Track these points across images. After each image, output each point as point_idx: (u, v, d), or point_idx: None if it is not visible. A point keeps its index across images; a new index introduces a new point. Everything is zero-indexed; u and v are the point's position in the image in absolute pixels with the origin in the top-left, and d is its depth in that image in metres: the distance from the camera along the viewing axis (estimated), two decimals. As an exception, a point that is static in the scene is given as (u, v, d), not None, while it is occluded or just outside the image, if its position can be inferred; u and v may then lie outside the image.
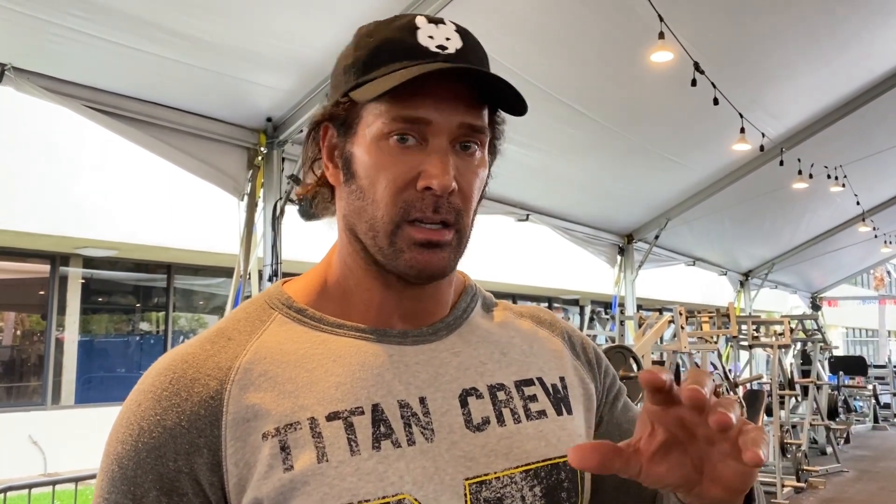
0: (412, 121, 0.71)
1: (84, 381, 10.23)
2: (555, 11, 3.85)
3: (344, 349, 0.74)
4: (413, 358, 0.76)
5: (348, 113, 0.75)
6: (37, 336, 10.34)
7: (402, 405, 0.72)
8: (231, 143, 3.92)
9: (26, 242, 9.12)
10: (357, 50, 0.76)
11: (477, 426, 0.74)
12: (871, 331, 29.66)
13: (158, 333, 11.35)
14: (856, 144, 6.89)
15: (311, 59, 3.57)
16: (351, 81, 0.75)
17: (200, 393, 0.69)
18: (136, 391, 0.72)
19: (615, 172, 6.12)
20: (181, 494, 0.67)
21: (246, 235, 4.01)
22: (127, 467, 0.68)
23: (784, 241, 9.75)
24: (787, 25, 4.63)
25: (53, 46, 2.99)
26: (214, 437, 0.68)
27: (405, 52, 0.73)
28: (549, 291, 15.04)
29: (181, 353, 0.73)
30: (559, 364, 0.86)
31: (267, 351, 0.73)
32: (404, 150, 0.71)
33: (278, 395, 0.70)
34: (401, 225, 0.72)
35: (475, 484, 0.71)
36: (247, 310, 0.78)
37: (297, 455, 0.67)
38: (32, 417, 9.25)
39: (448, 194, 0.71)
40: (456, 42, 0.75)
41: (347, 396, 0.71)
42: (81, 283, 10.31)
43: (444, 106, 0.71)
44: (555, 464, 0.76)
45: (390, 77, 0.70)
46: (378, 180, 0.72)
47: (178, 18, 3.07)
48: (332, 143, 0.77)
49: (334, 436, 0.68)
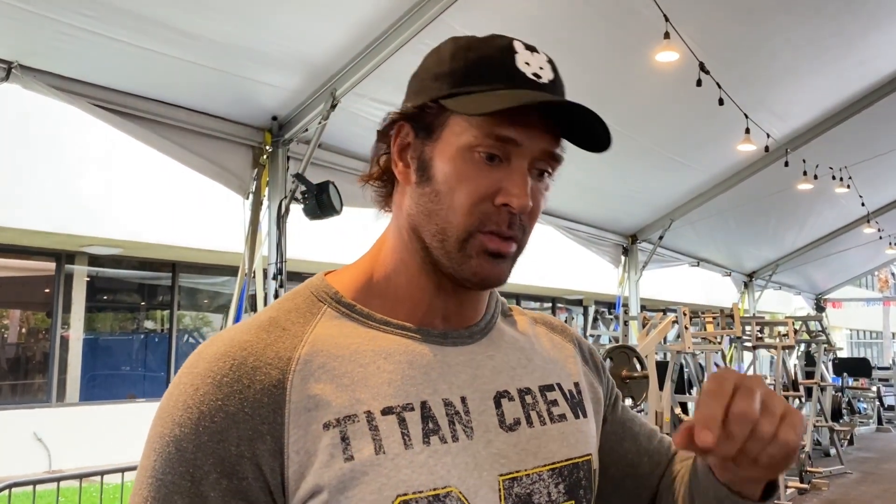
0: (503, 140, 0.74)
1: (88, 379, 10.26)
2: (559, 11, 3.85)
3: (392, 347, 0.78)
4: (454, 358, 0.80)
5: (434, 119, 0.77)
6: (42, 334, 10.37)
7: (447, 403, 0.76)
8: (236, 141, 3.93)
9: (32, 240, 9.15)
10: (453, 61, 0.78)
11: (510, 426, 0.80)
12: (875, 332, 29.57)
13: (163, 332, 11.38)
14: (861, 145, 6.87)
15: (317, 58, 3.58)
16: (444, 90, 0.77)
17: (263, 381, 0.72)
18: (189, 375, 0.73)
19: (619, 173, 6.12)
20: (241, 478, 0.69)
21: (251, 234, 4.02)
22: (186, 449, 0.70)
23: (788, 243, 9.73)
24: (793, 25, 4.62)
25: (60, 45, 3.00)
26: (278, 425, 0.70)
27: (505, 74, 0.76)
28: (553, 291, 15.03)
29: (238, 340, 0.74)
30: (573, 370, 0.93)
31: (323, 344, 0.76)
32: (488, 165, 0.75)
33: (336, 387, 0.73)
34: (474, 234, 0.76)
35: (508, 480, 0.76)
36: (294, 301, 0.81)
37: (356, 446, 0.71)
38: (37, 414, 9.28)
39: (522, 213, 0.77)
40: (548, 73, 0.79)
41: (399, 393, 0.74)
42: (86, 281, 10.34)
43: (533, 132, 0.75)
44: (575, 463, 0.83)
45: (495, 97, 0.74)
46: (458, 189, 0.75)
47: (185, 18, 3.08)
48: (405, 141, 0.80)
49: (389, 429, 0.72)
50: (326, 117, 3.75)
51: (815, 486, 7.31)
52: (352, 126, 4.12)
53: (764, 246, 9.67)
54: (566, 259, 11.56)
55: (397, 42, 3.45)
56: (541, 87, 0.77)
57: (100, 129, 4.47)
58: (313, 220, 3.94)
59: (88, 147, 8.54)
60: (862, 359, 14.01)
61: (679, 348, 6.25)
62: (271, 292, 3.97)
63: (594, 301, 16.24)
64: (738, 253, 9.64)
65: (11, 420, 8.91)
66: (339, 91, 3.70)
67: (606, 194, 6.53)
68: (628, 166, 5.98)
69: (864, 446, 10.64)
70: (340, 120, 3.88)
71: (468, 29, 3.61)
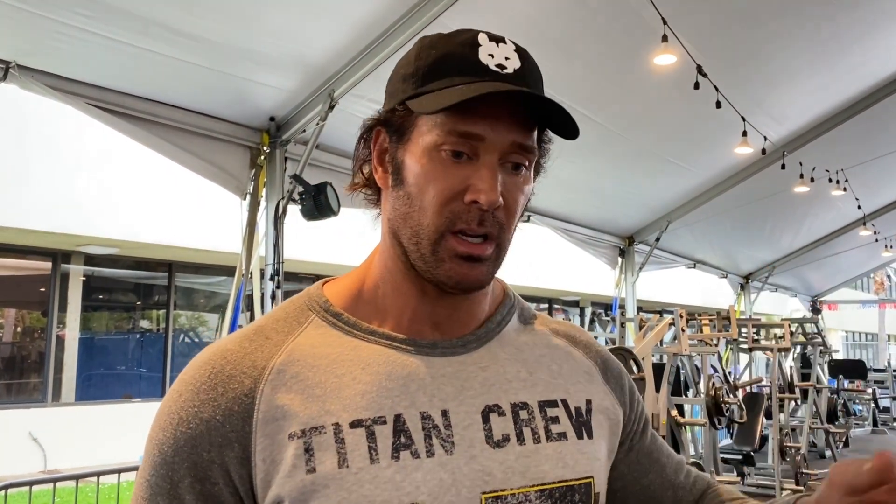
0: (466, 136, 0.73)
1: (84, 379, 10.24)
2: (557, 13, 3.85)
3: (373, 357, 0.77)
4: (440, 370, 0.78)
5: (403, 121, 0.77)
6: (38, 333, 10.34)
7: (424, 417, 0.74)
8: (234, 142, 3.93)
9: (28, 239, 9.13)
10: (418, 60, 0.78)
11: (497, 442, 0.76)
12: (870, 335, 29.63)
13: (159, 331, 11.36)
14: (858, 148, 6.89)
15: (315, 59, 3.58)
16: (409, 91, 0.76)
17: (236, 389, 0.73)
18: (178, 381, 0.76)
19: (617, 174, 6.13)
20: (213, 483, 0.71)
21: (248, 234, 4.01)
22: (166, 453, 0.72)
23: (785, 245, 9.75)
24: (791, 29, 4.63)
25: (58, 44, 2.99)
26: (245, 433, 0.71)
27: (465, 68, 0.75)
28: (549, 293, 15.04)
29: (221, 349, 0.77)
30: (588, 387, 0.87)
31: (300, 353, 0.76)
32: (455, 163, 0.74)
33: (307, 398, 0.73)
34: (445, 235, 0.74)
35: (491, 498, 0.73)
36: (286, 309, 0.82)
37: (319, 458, 0.70)
38: (33, 414, 9.26)
39: (493, 209, 0.74)
40: (514, 62, 0.77)
41: (372, 405, 0.73)
42: (82, 280, 10.32)
43: (499, 124, 0.73)
44: (570, 486, 0.78)
45: (450, 92, 0.73)
46: (427, 189, 0.74)
47: (183, 17, 3.08)
48: (383, 147, 0.80)
49: (356, 443, 0.71)
50: (324, 118, 3.75)
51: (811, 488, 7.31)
52: (350, 127, 4.07)
53: (760, 248, 9.69)
54: (562, 260, 11.57)
55: (396, 43, 3.45)
56: (503, 77, 0.75)
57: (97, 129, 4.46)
58: (310, 221, 3.94)
59: (85, 147, 8.52)
60: (858, 361, 14.04)
61: (675, 350, 6.26)
62: (268, 293, 3.96)
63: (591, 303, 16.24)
64: (734, 255, 9.66)
65: (7, 420, 8.89)
66: (338, 92, 3.70)
67: (603, 196, 6.53)
68: (625, 168, 5.99)
69: (860, 448, 10.65)
70: (338, 121, 3.88)
71: (466, 30, 3.61)
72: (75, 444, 9.00)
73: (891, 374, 14.19)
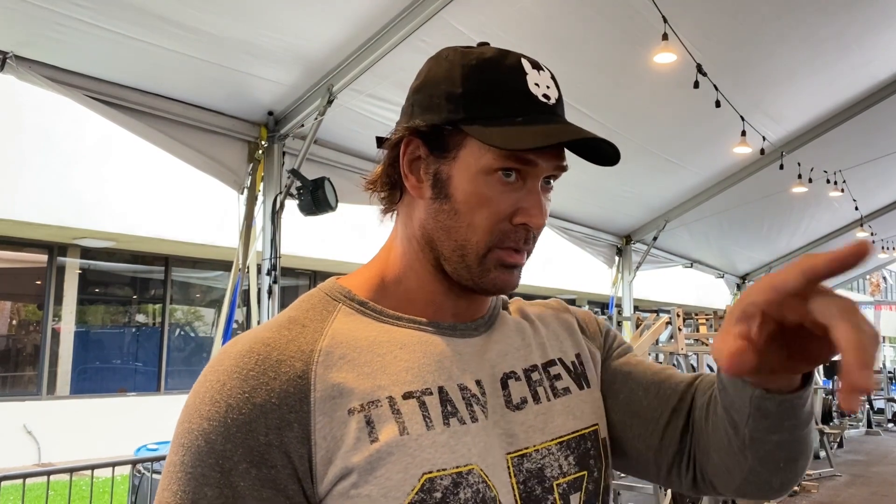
0: (524, 161, 0.79)
1: (80, 372, 10.23)
2: (557, 10, 3.84)
3: (407, 338, 0.82)
4: (463, 348, 0.84)
5: (450, 139, 0.81)
6: (33, 326, 10.32)
7: (462, 388, 0.81)
8: (232, 136, 3.91)
9: (24, 232, 9.11)
10: (465, 82, 0.80)
11: (516, 405, 0.84)
12: (866, 336, 29.65)
13: (155, 325, 11.35)
14: (856, 149, 6.89)
15: (314, 54, 3.57)
16: (460, 113, 0.80)
17: (288, 373, 0.75)
18: (215, 371, 0.76)
19: (615, 173, 6.11)
20: (270, 466, 0.72)
21: (245, 229, 4.00)
22: (215, 441, 0.72)
23: (782, 245, 9.76)
24: (791, 29, 4.63)
25: (55, 36, 2.98)
26: (304, 413, 0.74)
27: (519, 100, 0.80)
28: (546, 291, 15.05)
29: (261, 338, 0.78)
30: (574, 341, 0.96)
31: (342, 336, 0.80)
32: (506, 185, 0.79)
33: (358, 375, 0.77)
34: (492, 249, 0.81)
35: (517, 457, 0.81)
36: (310, 301, 0.85)
37: (380, 429, 0.74)
38: (27, 407, 9.25)
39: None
40: (554, 92, 0.83)
41: (417, 379, 0.79)
42: (79, 273, 10.30)
43: (549, 153, 0.80)
44: (582, 434, 0.87)
45: (523, 131, 0.77)
46: (479, 210, 0.80)
47: (182, 10, 3.06)
48: (415, 155, 0.83)
49: (411, 412, 0.76)
50: (323, 113, 3.74)
51: (805, 489, 7.34)
52: (348, 122, 4.10)
53: (758, 248, 9.70)
54: (560, 259, 11.58)
55: (395, 38, 3.44)
56: (551, 108, 0.81)
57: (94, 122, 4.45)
58: (308, 216, 3.93)
59: (82, 139, 8.50)
60: (853, 362, 14.01)
61: (672, 349, 6.27)
62: (265, 288, 3.95)
63: (587, 301, 16.27)
64: (731, 255, 9.66)
65: (1, 412, 8.88)
66: (336, 87, 3.68)
67: (601, 194, 6.53)
68: (623, 167, 5.95)
69: (854, 449, 10.69)
70: (337, 116, 3.87)
71: (467, 27, 3.60)
72: (70, 437, 8.99)
73: (885, 375, 14.23)
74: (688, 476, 0.89)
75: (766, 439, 0.76)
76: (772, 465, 0.79)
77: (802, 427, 0.76)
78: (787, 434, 0.76)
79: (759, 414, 0.74)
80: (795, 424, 0.75)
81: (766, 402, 0.73)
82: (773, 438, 0.76)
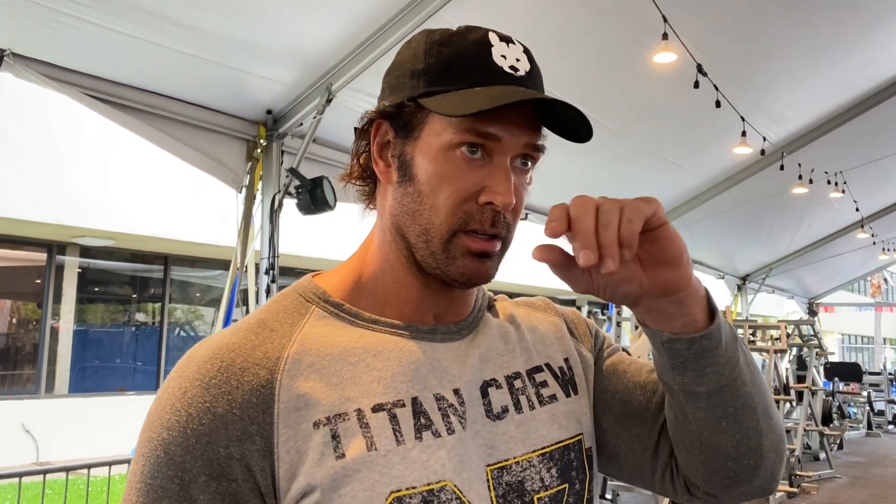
0: (484, 136, 0.73)
1: (78, 371, 10.22)
2: (556, 11, 3.83)
3: (381, 344, 0.77)
4: (442, 354, 0.79)
5: (412, 117, 0.76)
6: (32, 324, 10.32)
7: (438, 398, 0.76)
8: (231, 134, 3.90)
9: (23, 230, 9.10)
10: (428, 57, 0.77)
11: (497, 415, 0.79)
12: (866, 338, 29.71)
13: (154, 324, 11.34)
14: (857, 150, 6.88)
15: (313, 52, 3.56)
16: (421, 88, 0.76)
17: (251, 381, 0.71)
18: (178, 378, 0.73)
19: (615, 173, 6.11)
20: (230, 480, 0.69)
21: (243, 228, 3.99)
22: (174, 453, 0.69)
23: (782, 246, 9.75)
24: (792, 30, 4.61)
25: (54, 33, 2.97)
26: (267, 425, 0.70)
27: (481, 70, 0.75)
28: (546, 291, 15.04)
29: (225, 343, 0.74)
30: (563, 345, 0.91)
31: (311, 343, 0.75)
32: (470, 162, 0.74)
33: (326, 385, 0.73)
34: (457, 233, 0.75)
35: (496, 469, 0.76)
36: (282, 302, 0.80)
37: (347, 444, 0.70)
38: (26, 406, 9.23)
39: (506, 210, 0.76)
40: (525, 64, 0.78)
41: (389, 390, 0.74)
42: (78, 272, 10.29)
43: (514, 126, 0.74)
44: (565, 445, 0.82)
45: (474, 94, 0.72)
46: (441, 189, 0.75)
47: (181, 8, 3.05)
48: (384, 140, 0.79)
49: (380, 426, 0.72)
50: (322, 112, 3.72)
51: (805, 490, 7.33)
52: (347, 121, 4.07)
53: (758, 249, 9.69)
54: (560, 259, 11.54)
55: (395, 37, 3.42)
56: (518, 80, 0.76)
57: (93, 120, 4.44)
58: (307, 215, 3.92)
59: (81, 137, 8.49)
60: (853, 364, 14.04)
61: (671, 350, 6.24)
62: (263, 287, 3.94)
63: (587, 301, 16.26)
64: (731, 256, 9.65)
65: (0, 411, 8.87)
66: (335, 86, 3.67)
67: (601, 194, 6.47)
68: (624, 167, 5.97)
69: (854, 451, 10.68)
70: (336, 115, 3.86)
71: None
72: (68, 436, 8.98)
73: (886, 377, 14.22)
74: (679, 479, 0.86)
75: (696, 392, 0.75)
76: (714, 424, 0.77)
77: (727, 375, 0.75)
78: (712, 383, 0.75)
79: (677, 362, 0.74)
80: (718, 372, 0.74)
81: (676, 345, 0.73)
82: (701, 391, 0.75)
